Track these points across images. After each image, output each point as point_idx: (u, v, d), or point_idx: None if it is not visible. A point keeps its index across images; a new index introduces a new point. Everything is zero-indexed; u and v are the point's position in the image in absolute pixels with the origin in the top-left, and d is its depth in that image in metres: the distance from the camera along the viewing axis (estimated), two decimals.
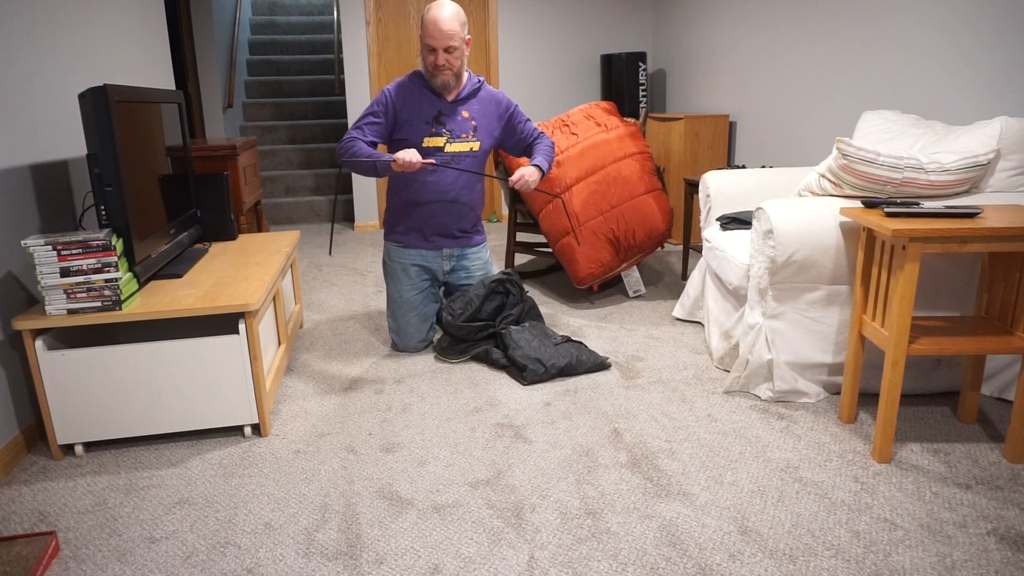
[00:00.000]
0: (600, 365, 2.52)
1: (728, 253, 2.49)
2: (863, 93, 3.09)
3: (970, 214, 1.77)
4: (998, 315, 1.95)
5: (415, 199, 2.62)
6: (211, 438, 2.09)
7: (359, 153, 2.47)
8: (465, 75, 2.63)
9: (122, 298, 1.90)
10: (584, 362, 2.49)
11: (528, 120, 2.78)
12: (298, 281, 3.03)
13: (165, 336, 2.40)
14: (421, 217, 2.65)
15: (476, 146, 2.64)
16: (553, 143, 2.79)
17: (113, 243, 1.87)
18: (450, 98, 2.60)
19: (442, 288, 2.85)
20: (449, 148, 2.60)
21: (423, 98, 2.58)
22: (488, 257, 2.84)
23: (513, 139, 2.77)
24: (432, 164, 2.47)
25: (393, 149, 2.63)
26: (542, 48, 5.31)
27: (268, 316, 2.33)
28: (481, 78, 2.69)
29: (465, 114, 2.62)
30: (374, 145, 2.59)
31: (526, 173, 2.58)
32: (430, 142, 2.58)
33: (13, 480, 1.88)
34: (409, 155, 2.39)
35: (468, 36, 2.56)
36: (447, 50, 2.47)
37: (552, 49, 5.33)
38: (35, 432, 2.07)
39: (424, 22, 2.48)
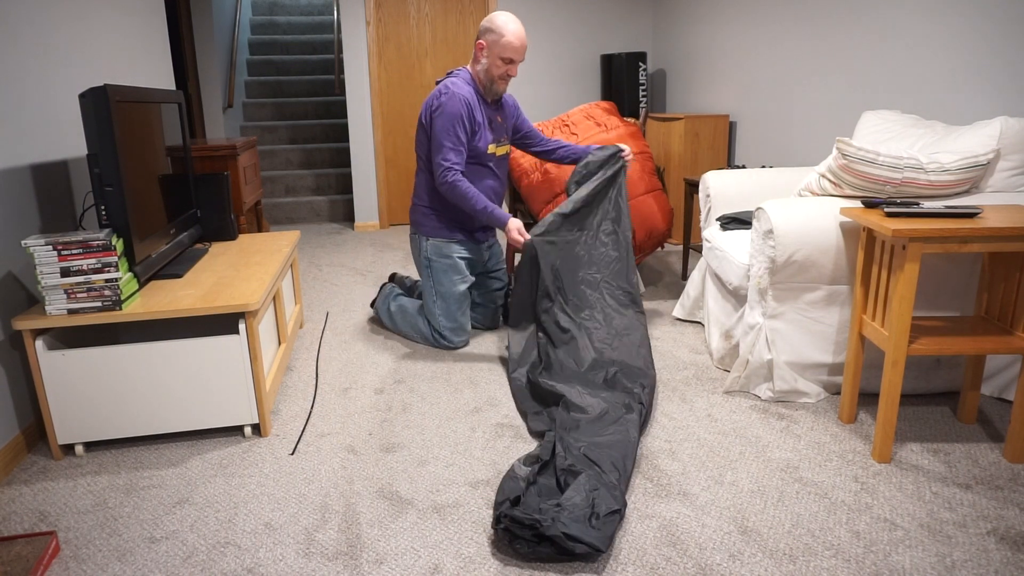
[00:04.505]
0: None
1: (728, 253, 2.49)
2: (863, 93, 3.09)
3: (970, 214, 1.77)
4: (998, 315, 1.95)
5: None
6: (211, 438, 2.09)
7: (474, 198, 2.52)
8: None
9: (122, 298, 1.90)
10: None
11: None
12: (298, 281, 3.03)
13: (165, 336, 2.40)
14: (470, 218, 2.77)
15: (508, 148, 2.82)
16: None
17: (113, 243, 1.87)
18: (492, 103, 2.72)
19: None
20: (499, 152, 2.75)
21: (482, 106, 2.66)
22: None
23: (519, 135, 2.88)
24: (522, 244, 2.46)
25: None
26: (542, 48, 5.31)
27: (268, 316, 2.33)
28: None
29: (499, 119, 2.74)
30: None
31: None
32: (493, 149, 2.69)
33: (13, 480, 1.88)
34: (517, 233, 2.46)
35: None
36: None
37: (552, 49, 5.33)
38: (35, 432, 2.07)
39: (507, 34, 2.54)
